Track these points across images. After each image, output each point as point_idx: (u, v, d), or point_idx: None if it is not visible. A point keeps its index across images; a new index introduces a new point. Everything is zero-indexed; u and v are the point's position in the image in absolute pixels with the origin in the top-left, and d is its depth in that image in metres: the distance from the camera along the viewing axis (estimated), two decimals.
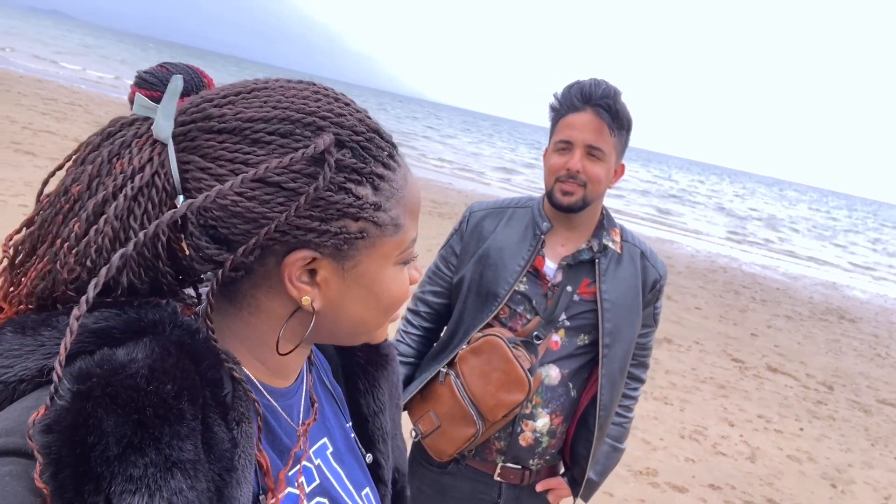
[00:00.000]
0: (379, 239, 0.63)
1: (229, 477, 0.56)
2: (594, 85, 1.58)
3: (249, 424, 0.61)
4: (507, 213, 1.74)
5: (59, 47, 39.28)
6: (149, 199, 0.58)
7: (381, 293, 0.67)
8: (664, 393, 5.40)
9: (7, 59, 22.70)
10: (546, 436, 1.68)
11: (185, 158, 0.59)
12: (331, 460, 0.75)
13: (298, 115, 0.59)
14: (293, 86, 0.62)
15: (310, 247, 0.60)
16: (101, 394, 0.49)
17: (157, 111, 0.59)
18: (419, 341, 1.83)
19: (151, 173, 0.57)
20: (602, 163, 1.60)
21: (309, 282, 0.62)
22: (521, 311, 1.66)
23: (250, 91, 0.61)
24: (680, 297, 9.09)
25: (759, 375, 6.46)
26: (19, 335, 0.55)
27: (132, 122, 0.61)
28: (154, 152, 0.58)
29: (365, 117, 0.64)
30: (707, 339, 7.33)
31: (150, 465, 0.49)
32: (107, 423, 0.49)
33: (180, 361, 0.54)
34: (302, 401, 0.74)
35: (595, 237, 1.69)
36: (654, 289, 1.74)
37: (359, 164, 0.60)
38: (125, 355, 0.52)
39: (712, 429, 4.93)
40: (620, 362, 1.69)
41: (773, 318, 9.16)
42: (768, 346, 7.61)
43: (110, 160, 0.58)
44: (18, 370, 0.53)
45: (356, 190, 0.60)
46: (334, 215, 0.59)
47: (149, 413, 0.50)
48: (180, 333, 0.57)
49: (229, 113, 0.59)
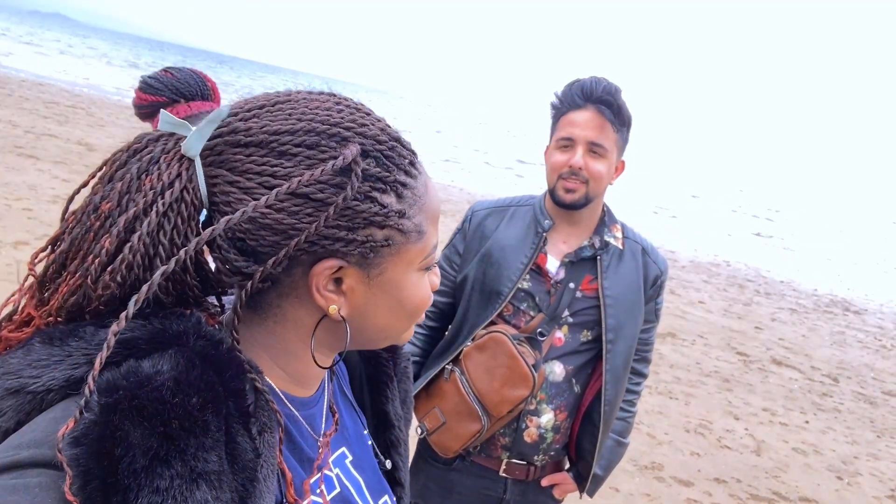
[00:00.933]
0: (403, 246, 0.64)
1: (252, 487, 0.56)
2: (595, 82, 1.60)
3: (272, 434, 0.61)
4: (508, 211, 1.76)
5: (60, 50, 39.32)
6: (178, 214, 0.59)
7: (405, 299, 0.68)
8: (669, 387, 5.41)
9: (8, 63, 22.75)
10: (551, 431, 1.69)
11: (213, 173, 0.60)
12: (350, 469, 0.76)
13: (324, 127, 0.60)
14: (315, 97, 0.64)
15: (337, 256, 0.61)
16: (127, 406, 0.50)
17: (188, 130, 0.60)
18: (424, 340, 1.84)
19: (181, 188, 0.58)
20: (604, 159, 1.61)
21: (335, 290, 0.63)
22: (524, 309, 1.68)
23: (274, 104, 0.62)
24: (683, 292, 9.09)
25: (763, 369, 6.47)
26: (47, 345, 0.55)
27: (158, 139, 0.61)
28: (182, 167, 0.59)
29: (386, 126, 0.65)
30: (711, 333, 7.34)
31: (176, 476, 0.50)
32: (133, 436, 0.49)
33: (204, 373, 0.55)
34: (324, 410, 0.75)
35: (597, 234, 1.71)
36: (655, 284, 1.75)
37: (383, 172, 0.62)
38: (151, 367, 0.53)
39: (717, 423, 4.94)
40: (624, 358, 1.70)
41: (778, 312, 9.16)
42: (773, 340, 7.61)
43: (139, 176, 0.59)
44: (46, 380, 0.53)
45: (381, 198, 0.61)
46: (361, 224, 0.60)
47: (175, 426, 0.51)
48: (204, 344, 0.58)
49: (255, 126, 0.60)
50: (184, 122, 0.61)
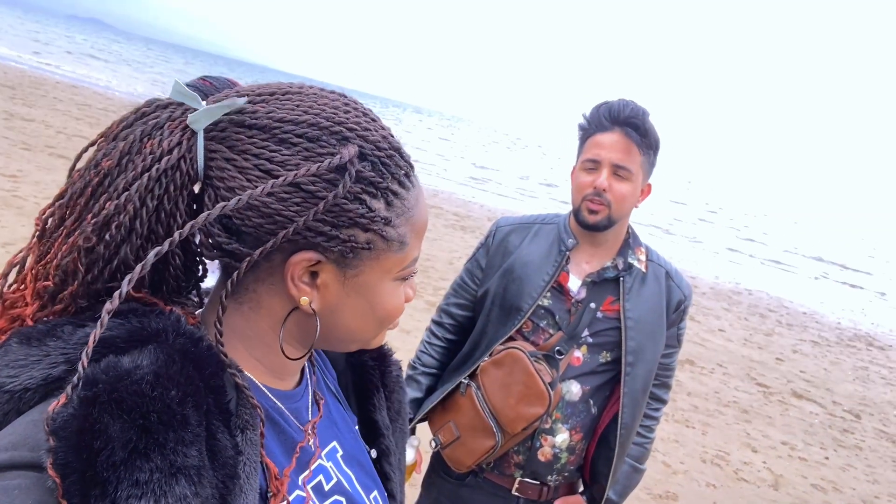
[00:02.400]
0: (384, 253, 0.65)
1: (232, 484, 0.56)
2: (622, 105, 1.59)
3: (254, 432, 0.61)
4: (533, 228, 1.75)
5: (96, 54, 40.23)
6: (171, 180, 0.59)
7: (376, 305, 0.68)
8: (686, 416, 5.33)
9: (44, 65, 23.30)
10: (565, 452, 1.67)
11: (213, 147, 0.60)
12: (341, 463, 0.76)
13: (327, 123, 0.61)
14: (325, 94, 0.64)
15: (317, 249, 0.61)
16: (107, 399, 0.50)
17: (198, 103, 0.61)
18: (443, 353, 1.83)
19: (178, 157, 0.59)
20: (629, 182, 1.60)
21: (309, 283, 0.63)
22: (543, 326, 1.66)
23: (284, 93, 0.63)
24: (703, 319, 8.97)
25: (783, 401, 6.35)
26: (24, 345, 0.55)
27: (166, 106, 0.62)
28: (184, 137, 0.60)
29: (388, 135, 0.66)
30: (731, 362, 7.23)
31: (155, 470, 0.49)
32: (112, 429, 0.49)
33: (184, 368, 0.55)
34: (309, 403, 0.75)
35: (620, 255, 1.69)
36: (678, 309, 1.73)
37: (376, 177, 0.62)
38: (130, 362, 0.53)
39: (735, 454, 4.85)
40: (643, 381, 1.67)
41: (800, 343, 9.00)
42: (794, 372, 7.47)
43: (142, 139, 0.60)
44: (24, 379, 0.53)
45: (370, 202, 0.62)
46: (346, 223, 0.61)
47: (153, 419, 0.51)
48: (184, 342, 0.57)
49: (262, 111, 0.61)
50: (194, 94, 0.62)
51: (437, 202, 13.60)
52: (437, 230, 10.26)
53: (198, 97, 0.61)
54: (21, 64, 21.07)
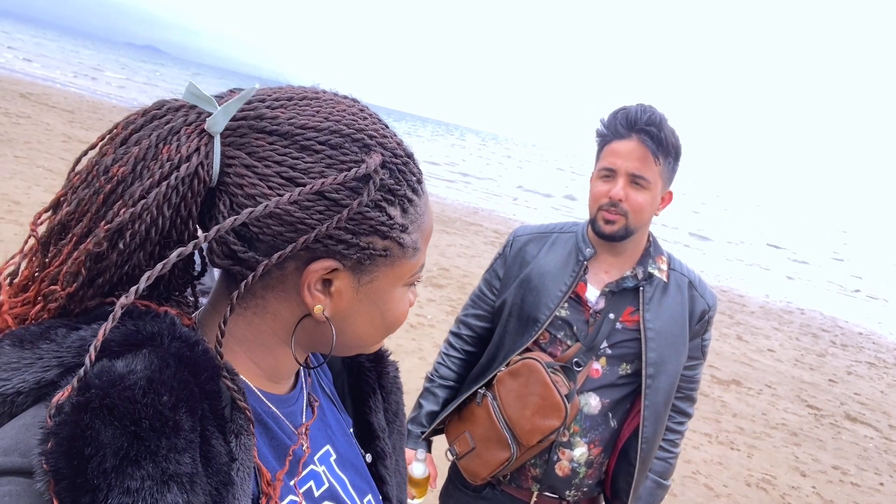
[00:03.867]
0: (399, 259, 0.65)
1: (226, 491, 0.55)
2: (640, 111, 1.56)
3: (248, 437, 0.60)
4: (550, 237, 1.73)
5: (147, 79, 41.79)
6: (189, 188, 0.58)
7: (386, 312, 0.68)
8: (731, 437, 5.15)
9: (100, 90, 24.31)
10: (584, 466, 1.63)
11: (231, 153, 0.59)
12: (335, 467, 0.76)
13: (349, 130, 0.61)
14: (341, 100, 0.64)
15: (335, 257, 0.61)
16: (98, 405, 0.49)
17: (213, 106, 0.60)
18: (460, 365, 1.82)
19: (197, 163, 0.57)
20: (646, 191, 1.56)
21: (322, 290, 0.63)
22: (561, 337, 1.63)
23: (302, 98, 0.63)
24: (752, 338, 8.70)
25: (836, 424, 6.08)
26: (17, 348, 0.54)
27: (178, 108, 0.60)
28: (202, 142, 0.58)
29: (401, 141, 0.66)
30: (780, 383, 6.97)
31: (146, 478, 0.49)
32: (104, 435, 0.48)
33: (179, 373, 0.54)
34: (303, 407, 0.75)
35: (640, 265, 1.65)
36: (702, 320, 1.67)
37: (395, 185, 0.62)
38: (124, 367, 0.52)
39: (782, 478, 4.66)
40: (665, 394, 1.62)
41: (855, 365, 8.63)
42: (847, 394, 7.16)
43: (157, 145, 0.58)
44: (16, 383, 0.52)
45: (389, 210, 0.62)
46: (366, 231, 0.61)
47: (145, 425, 0.50)
48: (179, 345, 0.56)
49: (282, 116, 0.60)
50: (209, 97, 0.60)
51: (478, 220, 13.61)
52: (477, 247, 10.25)
53: (213, 100, 0.60)
54: (81, 90, 22.04)
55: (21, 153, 8.62)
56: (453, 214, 13.59)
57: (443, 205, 14.81)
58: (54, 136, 10.70)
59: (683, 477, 4.30)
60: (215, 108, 0.59)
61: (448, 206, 14.96)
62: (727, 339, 8.34)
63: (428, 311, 6.25)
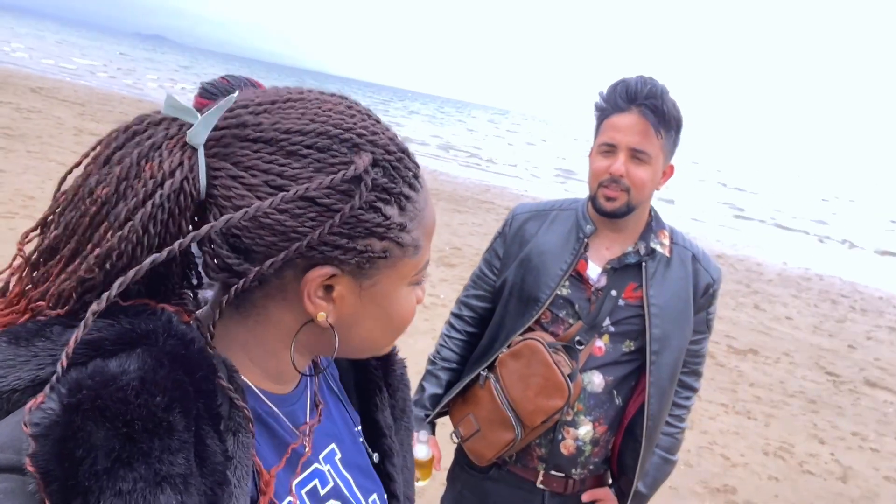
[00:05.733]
0: (400, 259, 0.63)
1: (222, 490, 0.55)
2: (640, 83, 1.52)
3: (246, 435, 0.60)
4: (550, 215, 1.71)
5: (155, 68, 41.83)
6: (176, 204, 0.57)
7: (393, 313, 0.67)
8: (747, 407, 5.13)
9: (111, 80, 24.38)
10: (589, 444, 1.62)
11: (216, 165, 0.58)
12: (340, 467, 0.75)
13: (336, 131, 0.59)
14: (328, 99, 0.63)
15: (333, 263, 0.60)
16: (90, 406, 0.48)
17: (193, 117, 0.58)
18: (463, 346, 1.81)
19: (181, 178, 0.56)
20: (647, 165, 1.54)
21: (324, 297, 0.62)
22: (562, 316, 1.62)
23: (286, 101, 0.61)
24: (769, 307, 8.62)
25: (855, 390, 6.03)
26: (13, 345, 0.54)
27: (159, 122, 0.59)
28: (185, 156, 0.57)
29: (394, 136, 0.64)
30: (798, 350, 6.92)
31: (139, 479, 0.48)
32: (96, 437, 0.48)
33: (172, 372, 0.53)
34: (307, 405, 0.74)
35: (642, 240, 1.63)
36: (706, 293, 1.65)
37: (389, 183, 0.61)
38: (117, 367, 0.51)
39: (800, 446, 4.64)
40: (670, 370, 1.61)
41: (875, 330, 8.53)
42: (867, 360, 7.08)
43: (138, 162, 0.57)
44: (12, 380, 0.52)
45: (384, 209, 0.60)
46: (362, 234, 0.59)
47: (138, 427, 0.49)
48: (174, 343, 0.56)
49: (266, 122, 0.58)
50: (190, 108, 0.59)
51: (490, 197, 13.55)
52: (489, 225, 10.21)
53: (193, 111, 0.58)
54: (89, 82, 22.11)
55: (34, 148, 8.70)
56: (465, 193, 13.54)
57: (454, 183, 14.76)
58: (66, 129, 10.77)
59: (700, 447, 4.30)
60: (195, 118, 0.58)
61: (459, 184, 14.90)
62: (744, 308, 8.28)
63: (441, 290, 6.26)
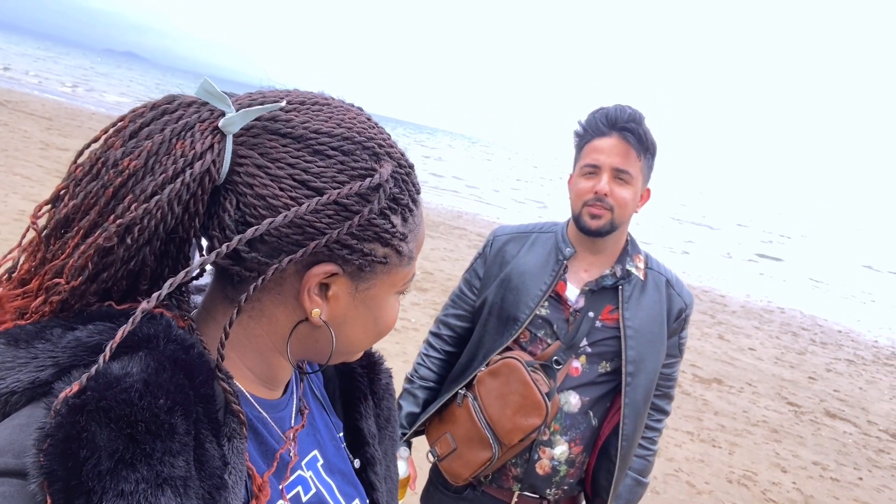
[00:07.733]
0: (395, 267, 0.66)
1: (219, 495, 0.55)
2: (619, 110, 1.59)
3: (241, 441, 0.60)
4: (530, 237, 1.74)
5: (127, 85, 41.39)
6: (199, 185, 0.58)
7: (379, 318, 0.68)
8: (712, 435, 5.20)
9: (80, 97, 24.04)
10: (564, 464, 1.64)
11: (243, 153, 0.59)
12: (322, 473, 0.75)
13: (360, 138, 0.62)
14: (350, 108, 0.65)
15: (337, 262, 0.61)
16: (94, 407, 0.49)
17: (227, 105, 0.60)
18: (441, 365, 1.82)
19: (210, 161, 0.57)
20: (629, 186, 1.59)
21: (319, 295, 0.63)
22: (541, 336, 1.65)
23: (314, 103, 0.63)
24: (733, 338, 8.79)
25: (815, 420, 6.16)
26: (12, 347, 0.54)
27: (190, 104, 0.60)
28: (214, 140, 0.58)
29: (404, 152, 0.67)
30: (761, 381, 7.05)
31: (141, 480, 0.48)
32: (100, 438, 0.48)
33: (174, 376, 0.54)
34: (293, 412, 0.75)
35: (619, 263, 1.67)
36: (679, 318, 1.70)
37: (399, 194, 0.63)
38: (120, 369, 0.52)
39: (763, 474, 4.71)
40: (644, 391, 1.64)
41: (834, 362, 8.75)
42: (827, 391, 7.26)
43: (171, 140, 0.57)
44: (10, 382, 0.52)
45: (392, 218, 0.63)
46: (369, 237, 0.61)
47: (141, 428, 0.50)
48: (174, 348, 0.56)
49: (296, 119, 0.61)
50: (223, 95, 0.60)
51: (462, 223, 13.62)
52: (461, 251, 10.26)
53: (226, 99, 0.60)
54: (59, 97, 21.77)
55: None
56: (437, 218, 13.61)
57: (427, 209, 14.80)
58: (32, 143, 10.57)
59: (665, 475, 4.34)
60: (229, 107, 0.59)
61: (432, 209, 14.97)
62: (709, 339, 8.42)
63: (412, 314, 6.25)
